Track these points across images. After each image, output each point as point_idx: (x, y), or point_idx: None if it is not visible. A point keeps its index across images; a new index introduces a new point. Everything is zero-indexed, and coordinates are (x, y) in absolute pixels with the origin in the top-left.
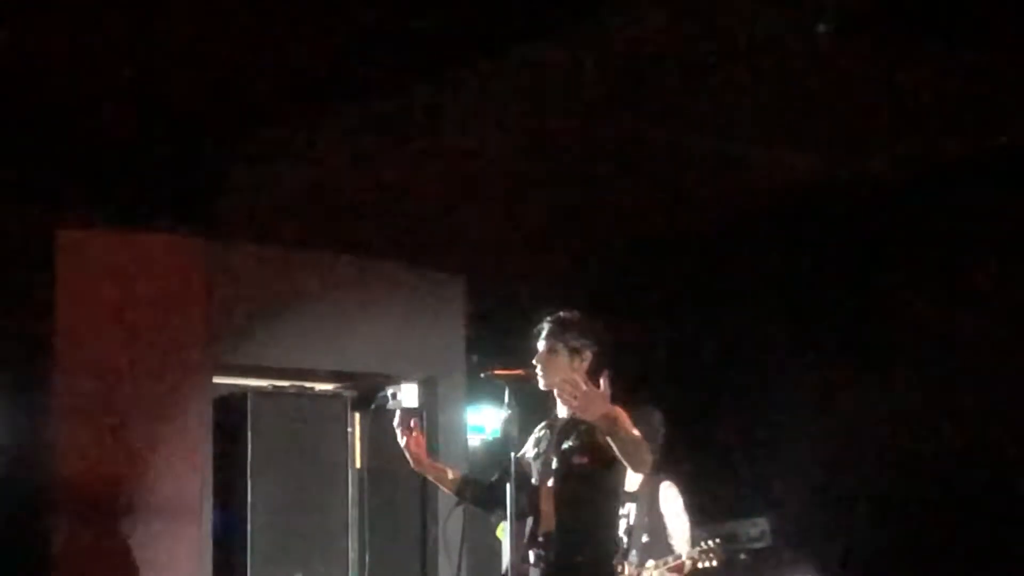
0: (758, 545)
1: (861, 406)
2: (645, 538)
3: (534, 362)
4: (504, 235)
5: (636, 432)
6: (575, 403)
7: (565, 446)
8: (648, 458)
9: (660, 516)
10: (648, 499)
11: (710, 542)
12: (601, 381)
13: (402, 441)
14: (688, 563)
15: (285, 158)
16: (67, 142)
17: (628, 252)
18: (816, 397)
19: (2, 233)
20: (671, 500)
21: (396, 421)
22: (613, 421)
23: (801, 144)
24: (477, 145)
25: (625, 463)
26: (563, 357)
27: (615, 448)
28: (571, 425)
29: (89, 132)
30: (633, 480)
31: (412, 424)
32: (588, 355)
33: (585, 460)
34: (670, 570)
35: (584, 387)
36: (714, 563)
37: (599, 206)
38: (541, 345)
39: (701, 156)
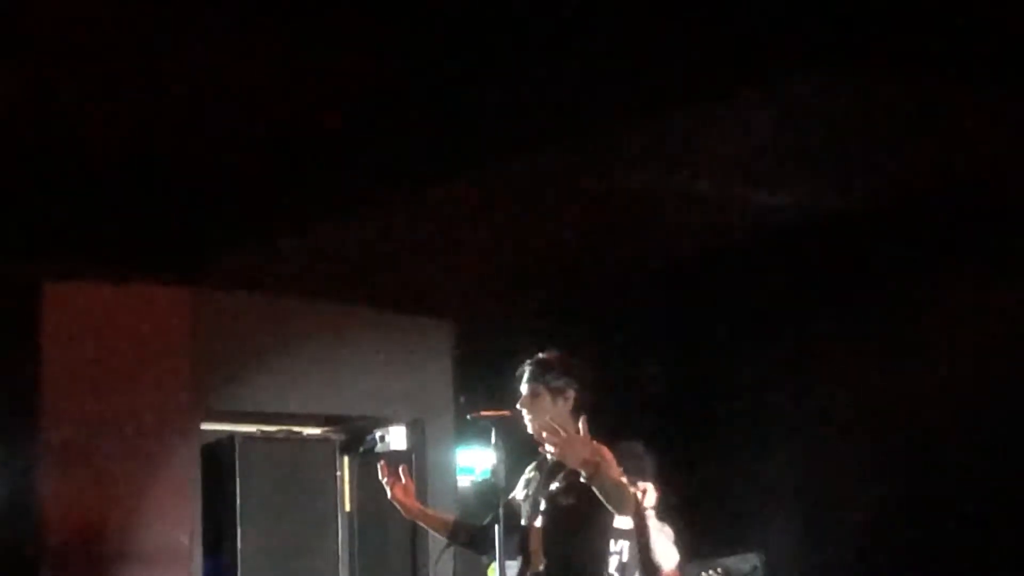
0: None
1: (853, 437)
2: (637, 575)
3: (518, 406)
4: (489, 278)
5: (619, 476)
6: (556, 451)
7: (553, 487)
8: (631, 502)
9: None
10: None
11: (711, 571)
12: (580, 425)
13: (390, 491)
14: None
15: (270, 207)
16: (50, 192)
17: (612, 290)
18: (806, 428)
19: None
20: (662, 537)
21: (381, 471)
22: (595, 466)
23: (772, 180)
24: (458, 191)
25: (609, 508)
26: (546, 399)
27: (597, 493)
28: (559, 466)
29: (73, 183)
30: (626, 518)
31: (401, 470)
32: (571, 394)
33: (572, 500)
34: None
35: (563, 433)
36: None
37: (581, 247)
38: (524, 389)
39: (676, 195)
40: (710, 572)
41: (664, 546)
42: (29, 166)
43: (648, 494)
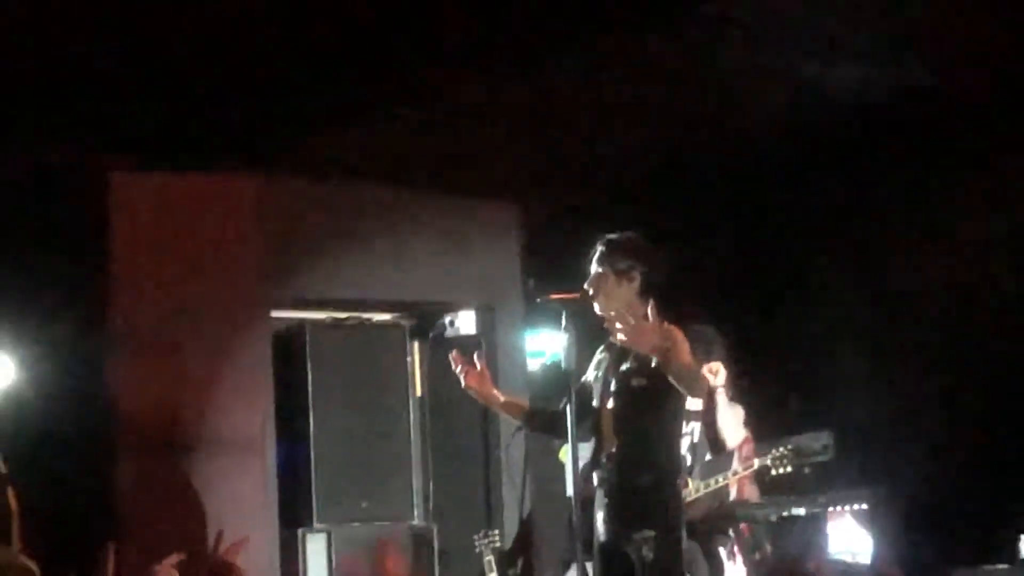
0: (822, 459)
1: (924, 312)
2: (708, 456)
3: (586, 287)
4: (557, 161)
5: (690, 359)
6: (627, 338)
7: (623, 368)
8: (704, 384)
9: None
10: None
11: (782, 448)
12: (648, 310)
13: (464, 380)
14: (758, 471)
15: (338, 94)
16: (119, 84)
17: (681, 172)
18: (877, 307)
19: (56, 178)
20: (731, 418)
21: (454, 360)
22: (666, 351)
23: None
24: (525, 75)
25: (681, 391)
26: (611, 281)
27: (670, 377)
28: (626, 348)
29: (140, 73)
30: (698, 399)
31: (475, 357)
32: (636, 276)
33: (644, 382)
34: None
35: (632, 321)
36: (788, 469)
37: (649, 129)
38: (592, 269)
39: (745, 78)
40: (780, 449)
41: (730, 424)
42: (97, 59)
43: (719, 374)
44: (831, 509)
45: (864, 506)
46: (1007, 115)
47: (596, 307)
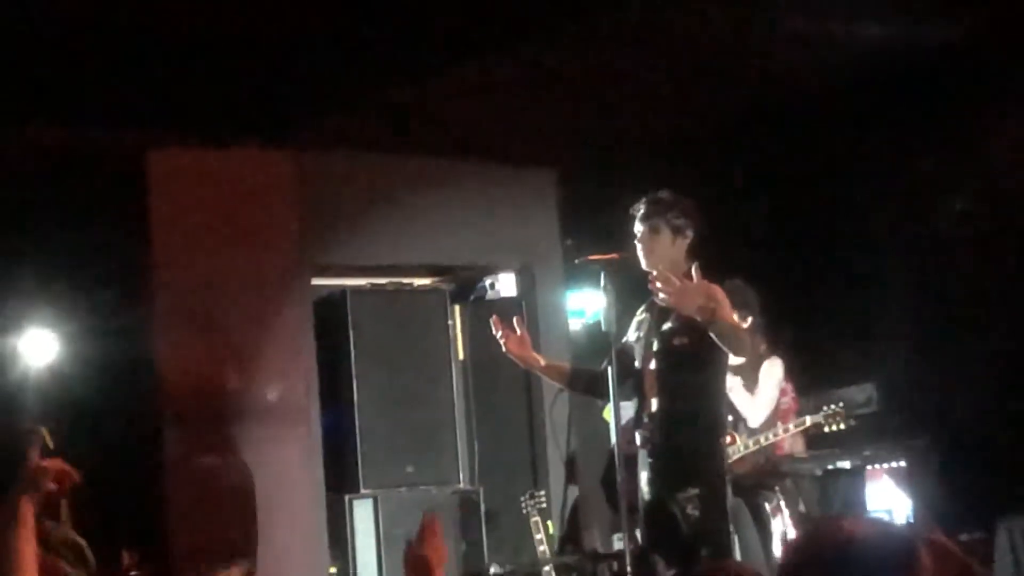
0: (865, 411)
1: (968, 265)
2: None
3: (636, 242)
4: (592, 124)
5: (735, 318)
6: (671, 299)
7: (665, 327)
8: (748, 343)
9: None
10: (752, 375)
11: (834, 406)
12: (693, 271)
13: (504, 345)
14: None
15: (374, 63)
16: (156, 59)
17: (714, 131)
18: (920, 260)
19: (95, 156)
20: (769, 377)
21: (494, 325)
22: (711, 312)
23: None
24: (559, 38)
25: (726, 350)
26: (666, 236)
27: (714, 337)
28: (669, 307)
29: (179, 49)
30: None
31: (515, 322)
32: (689, 234)
33: (686, 340)
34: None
35: (677, 283)
36: (841, 426)
37: (682, 89)
38: (642, 226)
39: (779, 34)
40: (832, 407)
41: (747, 404)
42: (135, 35)
43: None
44: (869, 468)
45: (902, 463)
46: None
47: (643, 263)
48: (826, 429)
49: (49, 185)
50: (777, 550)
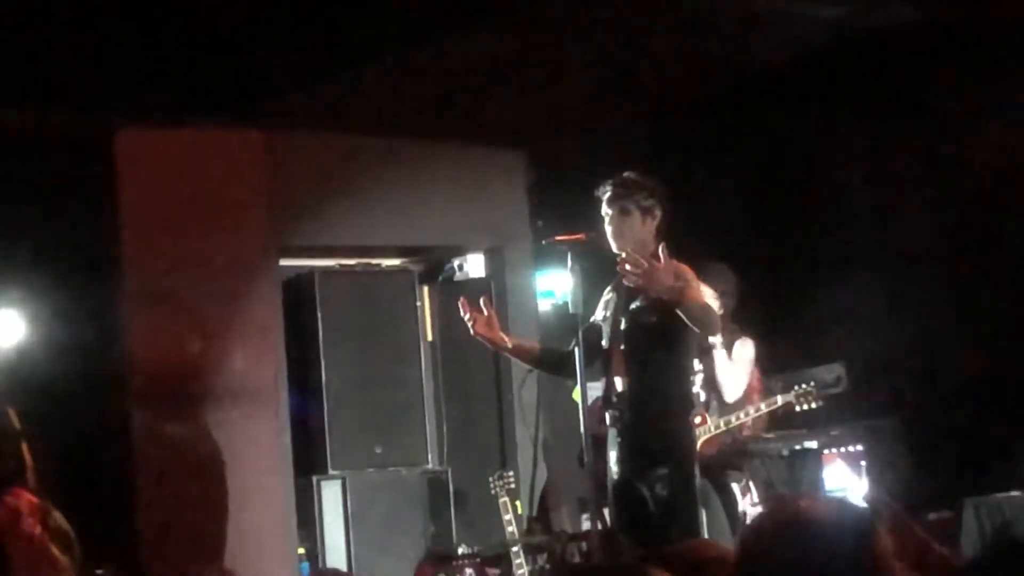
0: (834, 390)
1: (933, 249)
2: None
3: (606, 224)
4: (560, 105)
5: (703, 298)
6: (640, 281)
7: (633, 306)
8: (717, 321)
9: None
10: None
11: (804, 385)
12: (660, 252)
13: (472, 327)
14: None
15: (341, 42)
16: (121, 38)
17: (684, 111)
18: (886, 240)
19: (63, 135)
20: (741, 356)
21: (462, 307)
22: (679, 292)
23: None
24: (527, 16)
25: (694, 329)
26: (635, 217)
27: (683, 317)
28: (637, 287)
29: (144, 28)
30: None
31: (482, 303)
32: (658, 214)
33: (653, 319)
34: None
35: (646, 264)
36: (813, 405)
37: (652, 69)
38: (609, 208)
39: (746, 9)
40: (803, 386)
41: (730, 378)
42: (100, 13)
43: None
44: (824, 452)
45: (859, 447)
46: None
47: (612, 245)
48: (797, 408)
49: (15, 165)
50: None
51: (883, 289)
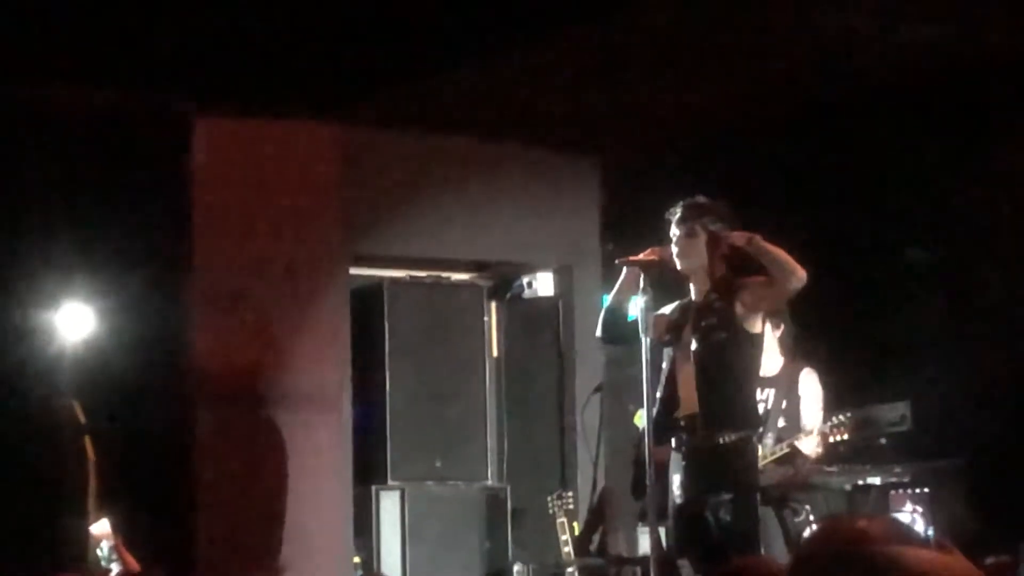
0: (897, 429)
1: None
2: (781, 422)
3: (673, 245)
4: (638, 124)
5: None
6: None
7: (704, 324)
8: (797, 268)
9: (798, 402)
10: (786, 385)
11: (840, 416)
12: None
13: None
14: (819, 437)
15: (423, 47)
16: (205, 31)
17: (758, 137)
18: (954, 277)
19: (141, 124)
20: (810, 386)
21: None
22: (750, 237)
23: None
24: (608, 33)
25: (780, 279)
26: (702, 241)
27: (766, 265)
28: (707, 305)
29: (228, 20)
30: (771, 366)
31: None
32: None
33: (724, 336)
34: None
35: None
36: (845, 436)
37: (729, 93)
38: (678, 229)
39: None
40: (839, 417)
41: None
42: (185, 4)
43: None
44: (892, 492)
45: (926, 489)
46: None
47: (679, 265)
48: (831, 439)
49: (92, 155)
50: None
51: (950, 327)
